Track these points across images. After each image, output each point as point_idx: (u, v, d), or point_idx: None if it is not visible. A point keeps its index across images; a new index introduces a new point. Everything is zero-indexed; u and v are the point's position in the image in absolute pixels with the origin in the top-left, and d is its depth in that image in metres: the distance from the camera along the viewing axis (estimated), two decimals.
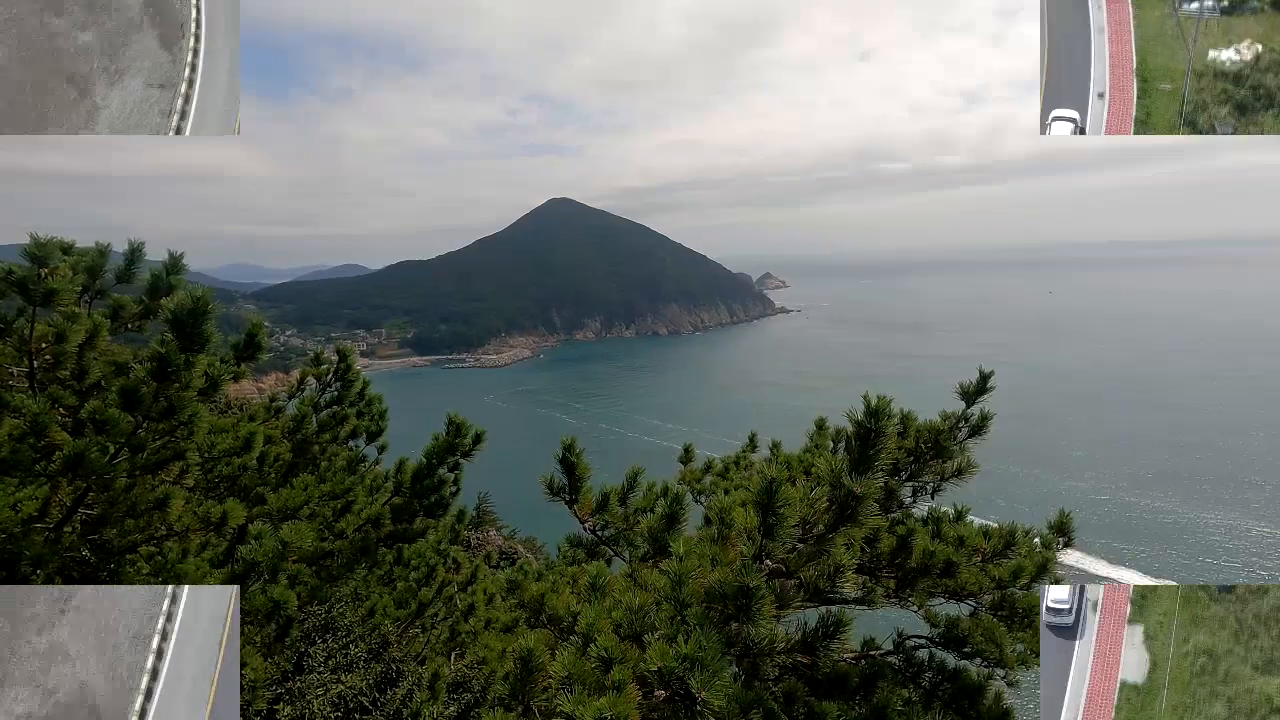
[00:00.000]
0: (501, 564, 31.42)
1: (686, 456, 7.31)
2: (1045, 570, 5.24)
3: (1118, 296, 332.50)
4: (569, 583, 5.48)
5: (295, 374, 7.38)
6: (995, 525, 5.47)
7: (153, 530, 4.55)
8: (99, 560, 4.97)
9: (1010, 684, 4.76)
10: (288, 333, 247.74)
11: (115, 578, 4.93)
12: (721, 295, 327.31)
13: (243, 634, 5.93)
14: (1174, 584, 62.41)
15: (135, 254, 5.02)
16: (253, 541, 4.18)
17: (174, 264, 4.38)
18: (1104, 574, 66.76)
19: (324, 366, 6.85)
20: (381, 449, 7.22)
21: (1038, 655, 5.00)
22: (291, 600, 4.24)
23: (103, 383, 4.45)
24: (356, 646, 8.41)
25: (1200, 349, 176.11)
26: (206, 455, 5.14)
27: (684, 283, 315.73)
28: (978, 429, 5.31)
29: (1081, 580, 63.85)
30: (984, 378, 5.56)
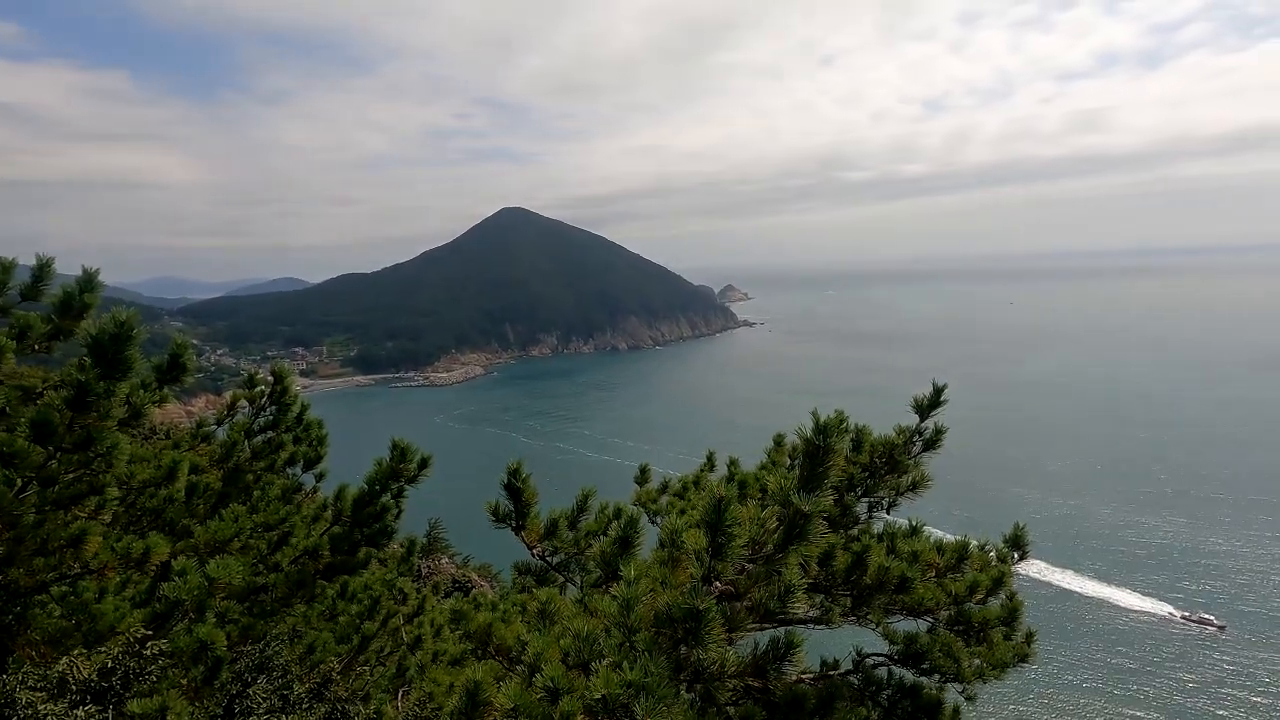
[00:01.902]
0: (454, 593, 30.90)
1: (643, 476, 7.37)
2: (1001, 584, 5.45)
3: (1081, 306, 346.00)
4: (520, 611, 5.45)
5: (227, 396, 7.20)
6: (951, 539, 5.66)
7: (65, 569, 4.38)
8: (4, 602, 4.76)
9: (968, 698, 4.93)
10: (219, 352, 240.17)
11: (22, 621, 4.72)
12: (682, 308, 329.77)
13: (167, 677, 5.73)
14: (1172, 609, 63.51)
15: (44, 269, 4.85)
16: (176, 578, 4.06)
17: (88, 280, 4.24)
18: (1092, 592, 68.14)
19: (257, 388, 6.70)
20: (320, 476, 7.08)
21: (996, 669, 5.18)
22: (220, 639, 4.13)
23: (8, 410, 4.29)
24: (299, 686, 8.18)
25: (1172, 359, 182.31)
26: (127, 487, 4.98)
27: (643, 295, 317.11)
28: (931, 443, 5.51)
29: (1062, 597, 65.07)
30: (937, 391, 5.77)
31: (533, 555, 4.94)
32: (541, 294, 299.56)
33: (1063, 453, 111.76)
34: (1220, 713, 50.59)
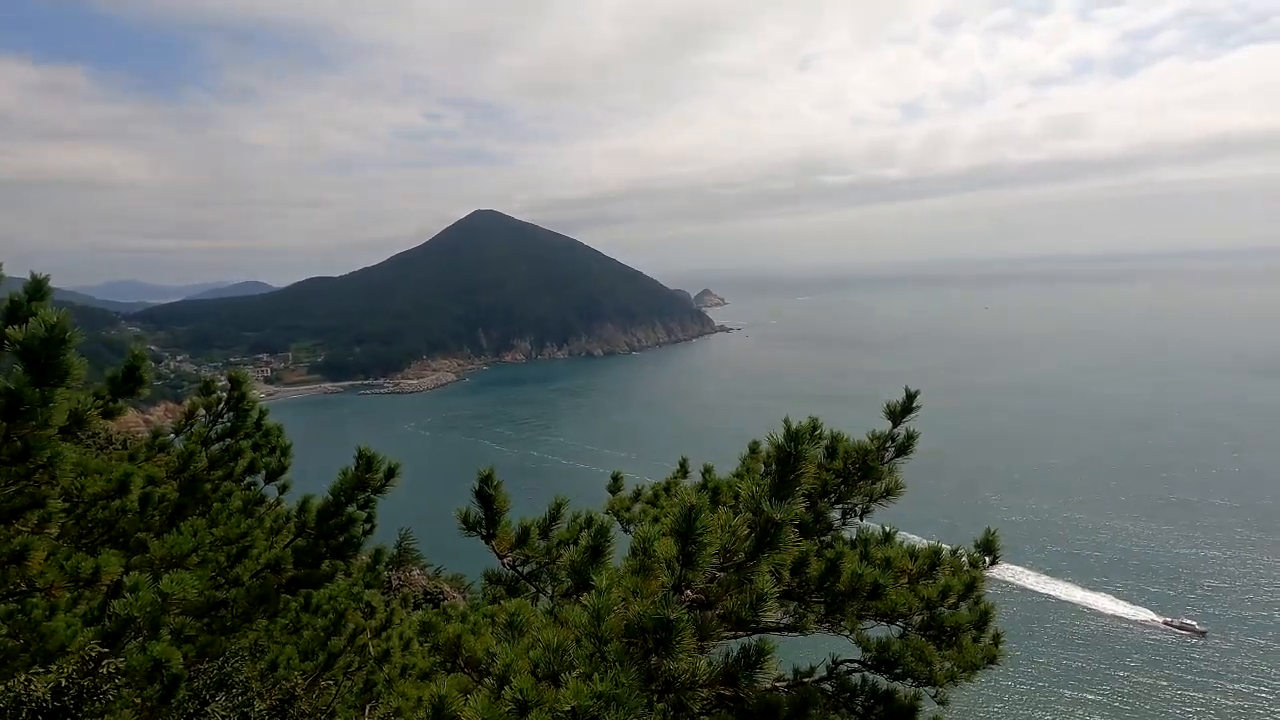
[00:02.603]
0: (425, 605, 30.55)
1: (615, 484, 7.36)
2: (973, 589, 5.53)
3: (1057, 311, 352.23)
4: (490, 622, 5.41)
5: (185, 404, 7.06)
6: (924, 545, 5.74)
7: (10, 586, 4.24)
8: None
9: (940, 703, 5.00)
10: (179, 358, 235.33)
11: None
12: (658, 313, 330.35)
13: (121, 696, 5.59)
14: (1153, 614, 63.86)
15: None
16: (128, 594, 3.96)
17: (37, 288, 4.11)
18: (1072, 597, 68.94)
19: (214, 395, 6.57)
20: (283, 488, 6.96)
21: (966, 671, 5.26)
22: (176, 657, 4.03)
23: None
24: (260, 703, 8.03)
25: (1156, 364, 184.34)
26: (75, 500, 4.84)
27: (619, 300, 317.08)
28: (904, 449, 5.59)
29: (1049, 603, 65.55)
30: (910, 397, 5.85)
31: (503, 565, 4.91)
32: (516, 299, 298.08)
33: (1044, 457, 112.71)
34: (1199, 718, 51.52)
